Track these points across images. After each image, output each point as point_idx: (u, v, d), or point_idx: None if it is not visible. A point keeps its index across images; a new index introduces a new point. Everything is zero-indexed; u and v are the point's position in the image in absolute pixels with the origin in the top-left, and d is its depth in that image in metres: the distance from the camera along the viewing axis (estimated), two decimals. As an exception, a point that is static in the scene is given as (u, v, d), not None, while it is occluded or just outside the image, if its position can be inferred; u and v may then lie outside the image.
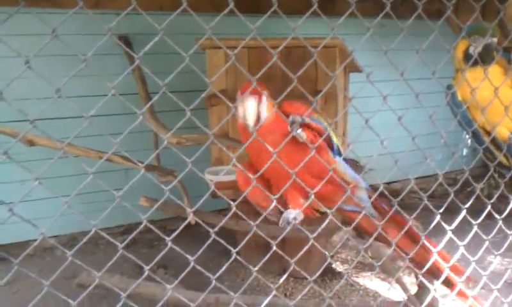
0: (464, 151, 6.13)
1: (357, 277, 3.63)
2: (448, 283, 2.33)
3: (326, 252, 1.87)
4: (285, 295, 3.34)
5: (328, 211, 1.75)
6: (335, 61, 3.28)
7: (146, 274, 1.40)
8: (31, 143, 2.80)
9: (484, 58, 2.94)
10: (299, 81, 1.50)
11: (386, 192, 1.82)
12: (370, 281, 3.53)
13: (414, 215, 1.89)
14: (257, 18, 1.34)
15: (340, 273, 3.64)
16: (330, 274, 3.61)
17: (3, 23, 1.05)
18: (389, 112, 1.75)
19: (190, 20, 1.30)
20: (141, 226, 1.38)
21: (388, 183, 5.27)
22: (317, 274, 1.77)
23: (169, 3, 3.72)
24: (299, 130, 2.09)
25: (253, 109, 2.07)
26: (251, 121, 2.07)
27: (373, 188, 2.25)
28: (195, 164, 1.44)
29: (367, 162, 1.66)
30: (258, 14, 1.38)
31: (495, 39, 3.07)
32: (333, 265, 3.75)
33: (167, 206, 3.00)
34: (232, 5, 1.29)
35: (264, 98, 2.10)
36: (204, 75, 1.42)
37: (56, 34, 1.12)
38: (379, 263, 2.03)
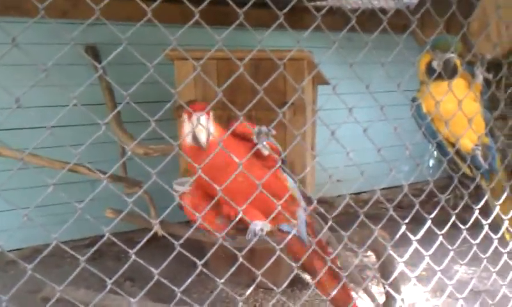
0: (431, 163, 6.24)
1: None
2: None
3: (293, 264, 1.88)
4: (254, 306, 3.33)
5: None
6: (303, 74, 3.30)
7: (109, 287, 1.37)
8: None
9: (446, 72, 3.01)
10: (268, 93, 1.51)
11: (322, 209, 1.84)
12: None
13: (380, 225, 1.91)
14: (226, 30, 1.34)
15: (309, 284, 3.65)
16: (300, 285, 3.62)
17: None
18: (356, 124, 1.77)
19: (159, 31, 1.29)
20: (104, 238, 1.36)
21: (356, 194, 5.33)
22: (284, 285, 1.77)
23: (136, 13, 3.70)
24: (265, 142, 2.09)
25: (205, 125, 2.06)
26: (203, 138, 2.05)
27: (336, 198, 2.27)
28: (163, 175, 1.43)
29: (333, 174, 1.67)
30: (227, 26, 1.38)
31: (454, 55, 3.14)
32: (303, 276, 3.75)
33: (133, 218, 2.96)
34: (197, 16, 1.29)
35: (211, 115, 2.11)
36: (172, 86, 1.41)
37: (16, 43, 1.10)
38: (347, 273, 2.05)
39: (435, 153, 5.90)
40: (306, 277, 3.73)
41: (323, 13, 1.57)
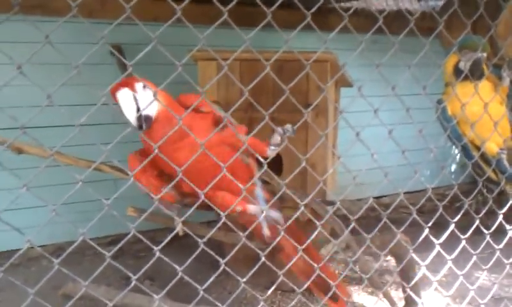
0: (453, 167, 6.16)
1: (343, 290, 3.63)
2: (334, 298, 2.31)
3: (315, 265, 1.87)
4: (273, 308, 3.33)
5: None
6: (326, 75, 3.29)
7: (133, 284, 1.38)
8: (20, 151, 2.78)
9: (474, 73, 2.97)
10: (291, 94, 1.50)
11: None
12: (357, 295, 3.52)
13: (402, 228, 1.89)
14: (251, 31, 1.35)
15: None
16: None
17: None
18: (379, 126, 1.75)
19: (184, 31, 1.30)
20: (129, 236, 1.37)
21: (378, 198, 5.28)
22: (304, 287, 1.77)
23: (163, 14, 3.72)
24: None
25: (129, 101, 1.81)
26: (132, 117, 1.82)
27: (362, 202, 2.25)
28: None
29: (356, 176, 1.66)
30: (252, 27, 1.38)
31: (485, 54, 3.10)
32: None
33: (155, 217, 2.99)
34: (226, 15, 1.29)
35: (140, 87, 1.85)
36: (195, 87, 1.42)
37: (48, 40, 1.12)
38: (368, 277, 2.03)
39: (458, 157, 5.83)
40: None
41: (350, 13, 1.57)
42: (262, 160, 1.59)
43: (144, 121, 1.83)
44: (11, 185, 3.73)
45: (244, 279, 1.53)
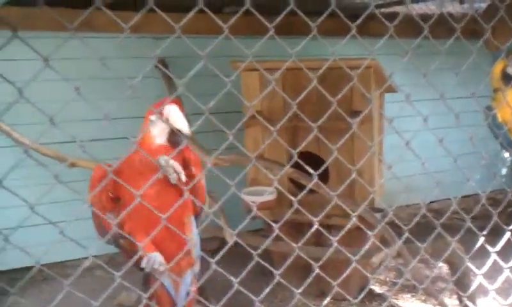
0: (504, 171, 5.98)
1: (397, 299, 3.56)
2: None
3: (369, 275, 1.85)
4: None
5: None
6: (370, 81, 3.26)
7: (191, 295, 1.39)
8: (73, 165, 2.88)
9: (522, 78, 2.89)
10: (336, 102, 1.50)
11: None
12: (410, 303, 3.46)
13: (457, 237, 1.85)
14: (291, 40, 1.35)
15: (379, 295, 3.58)
16: (369, 296, 3.55)
17: (58, 48, 1.08)
18: (424, 131, 1.73)
19: (226, 43, 1.32)
20: (185, 250, 1.39)
21: (427, 203, 5.14)
22: (360, 297, 1.73)
23: (205, 28, 3.78)
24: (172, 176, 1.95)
25: (179, 114, 1.93)
26: (185, 125, 1.93)
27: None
28: (230, 186, 1.45)
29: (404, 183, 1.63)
30: (293, 36, 1.39)
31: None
32: (372, 287, 3.69)
33: (206, 226, 3.03)
34: (272, 31, 1.30)
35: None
36: (239, 97, 1.43)
37: (99, 57, 1.15)
38: (423, 286, 1.99)
39: (509, 160, 5.66)
40: (376, 288, 3.66)
41: (396, 23, 1.55)
42: (312, 171, 1.57)
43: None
44: (65, 198, 3.88)
45: (300, 290, 1.52)
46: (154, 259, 1.93)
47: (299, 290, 1.52)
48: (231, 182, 1.36)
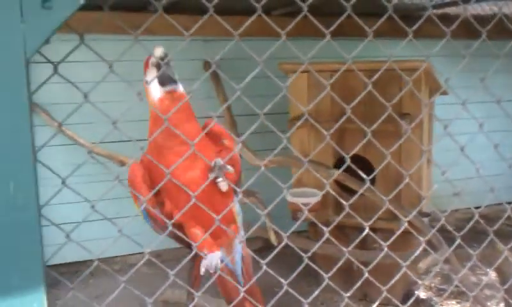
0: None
1: (441, 305, 3.48)
2: None
3: (419, 281, 1.81)
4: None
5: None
6: (420, 84, 3.20)
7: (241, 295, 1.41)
8: (122, 164, 2.95)
9: None
10: (384, 104, 1.49)
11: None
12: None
13: (510, 245, 1.79)
14: (340, 41, 1.35)
15: (423, 300, 3.51)
16: (414, 302, 3.49)
17: (124, 52, 1.12)
18: (473, 134, 1.69)
19: (271, 45, 1.32)
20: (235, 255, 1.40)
21: (476, 208, 5.00)
22: (409, 303, 1.70)
23: (257, 30, 3.81)
24: (221, 180, 1.88)
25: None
26: (161, 49, 1.74)
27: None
28: (275, 186, 1.46)
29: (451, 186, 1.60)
30: (341, 37, 1.38)
31: None
32: (416, 292, 3.62)
33: (250, 227, 3.06)
34: (329, 37, 1.30)
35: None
36: (285, 99, 1.44)
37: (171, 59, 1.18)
38: (474, 293, 1.94)
39: None
40: (421, 294, 3.59)
41: (453, 28, 1.51)
42: (364, 176, 1.55)
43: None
44: (116, 195, 3.98)
45: (349, 294, 1.51)
46: (212, 262, 1.97)
47: (348, 294, 1.51)
48: (283, 185, 1.37)
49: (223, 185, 1.89)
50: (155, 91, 1.79)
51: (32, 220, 0.92)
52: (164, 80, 1.77)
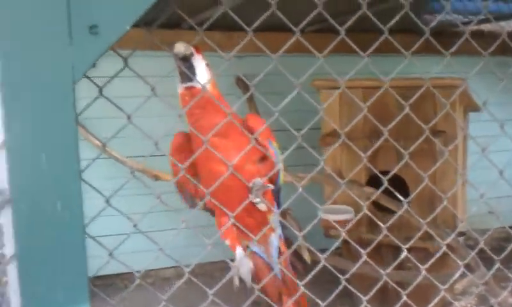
0: None
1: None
2: None
3: (455, 302, 1.77)
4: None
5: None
6: (455, 102, 3.16)
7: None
8: (157, 178, 2.99)
9: None
10: (418, 121, 1.48)
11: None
12: (494, 333, 3.29)
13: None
14: (372, 58, 1.34)
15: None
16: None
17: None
18: (507, 151, 1.66)
19: (303, 60, 1.33)
20: (272, 273, 1.40)
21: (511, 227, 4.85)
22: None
23: (291, 47, 3.83)
24: (259, 200, 1.82)
25: (187, 45, 1.71)
26: (179, 45, 1.69)
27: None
28: (307, 203, 1.45)
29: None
30: (372, 54, 1.37)
31: None
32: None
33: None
34: (366, 58, 1.30)
35: (204, 61, 1.79)
36: (316, 115, 1.44)
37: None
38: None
39: None
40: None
41: (491, 50, 1.49)
42: (402, 198, 1.53)
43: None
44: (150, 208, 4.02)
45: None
46: (242, 266, 1.92)
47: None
48: (319, 207, 1.37)
49: (262, 207, 1.85)
50: (178, 87, 1.79)
51: (78, 238, 0.95)
52: (183, 77, 1.74)
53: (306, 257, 3.13)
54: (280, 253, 2.11)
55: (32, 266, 0.93)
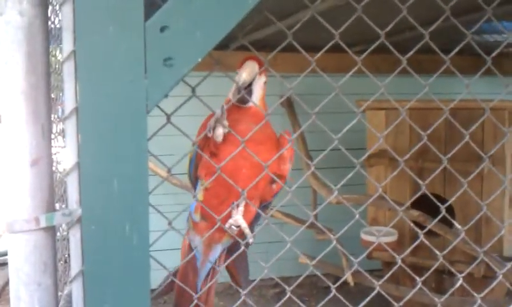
0: None
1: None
2: None
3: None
4: None
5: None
6: (504, 124, 3.09)
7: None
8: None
9: None
10: (465, 144, 1.45)
11: None
12: None
13: None
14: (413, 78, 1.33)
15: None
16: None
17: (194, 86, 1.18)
18: None
19: (347, 81, 1.33)
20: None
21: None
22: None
23: (333, 66, 3.84)
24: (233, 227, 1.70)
25: (252, 70, 1.68)
26: (244, 76, 1.66)
27: None
28: (352, 223, 1.45)
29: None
30: (419, 74, 1.36)
31: None
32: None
33: (325, 264, 3.04)
34: (426, 87, 1.29)
35: (264, 78, 1.75)
36: (363, 135, 1.43)
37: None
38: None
39: None
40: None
41: None
42: (458, 226, 1.51)
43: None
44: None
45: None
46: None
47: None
48: (365, 234, 1.36)
49: (231, 231, 1.71)
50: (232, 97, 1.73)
51: (144, 258, 0.99)
52: (240, 100, 1.70)
53: (350, 280, 3.10)
54: (213, 270, 1.87)
55: (98, 284, 0.97)
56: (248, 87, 1.72)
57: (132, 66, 0.96)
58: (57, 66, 1.84)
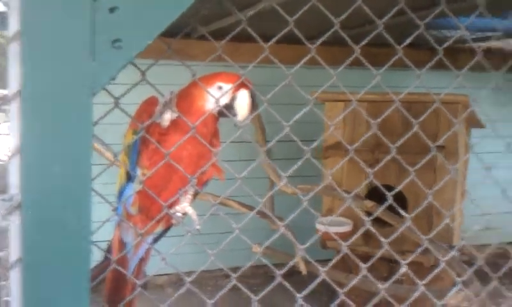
0: None
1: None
2: None
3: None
4: None
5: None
6: (456, 117, 3.17)
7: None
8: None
9: None
10: (419, 136, 1.47)
11: None
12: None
13: None
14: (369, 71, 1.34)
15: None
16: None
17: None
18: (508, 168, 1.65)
19: (308, 72, 1.33)
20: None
21: (509, 243, 4.85)
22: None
23: (291, 57, 3.84)
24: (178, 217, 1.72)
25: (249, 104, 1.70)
26: (246, 115, 1.69)
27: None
28: (306, 213, 1.45)
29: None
30: (376, 67, 1.37)
31: None
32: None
33: (280, 254, 3.05)
34: (379, 76, 1.30)
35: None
36: (320, 127, 1.44)
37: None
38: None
39: None
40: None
41: (493, 60, 1.49)
42: (405, 214, 1.52)
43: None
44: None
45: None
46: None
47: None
48: (319, 217, 1.36)
49: (176, 218, 1.76)
50: (212, 104, 1.73)
51: (85, 245, 0.96)
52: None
53: (302, 268, 3.13)
54: (142, 259, 1.92)
55: (37, 271, 0.93)
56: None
57: (79, 47, 0.92)
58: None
